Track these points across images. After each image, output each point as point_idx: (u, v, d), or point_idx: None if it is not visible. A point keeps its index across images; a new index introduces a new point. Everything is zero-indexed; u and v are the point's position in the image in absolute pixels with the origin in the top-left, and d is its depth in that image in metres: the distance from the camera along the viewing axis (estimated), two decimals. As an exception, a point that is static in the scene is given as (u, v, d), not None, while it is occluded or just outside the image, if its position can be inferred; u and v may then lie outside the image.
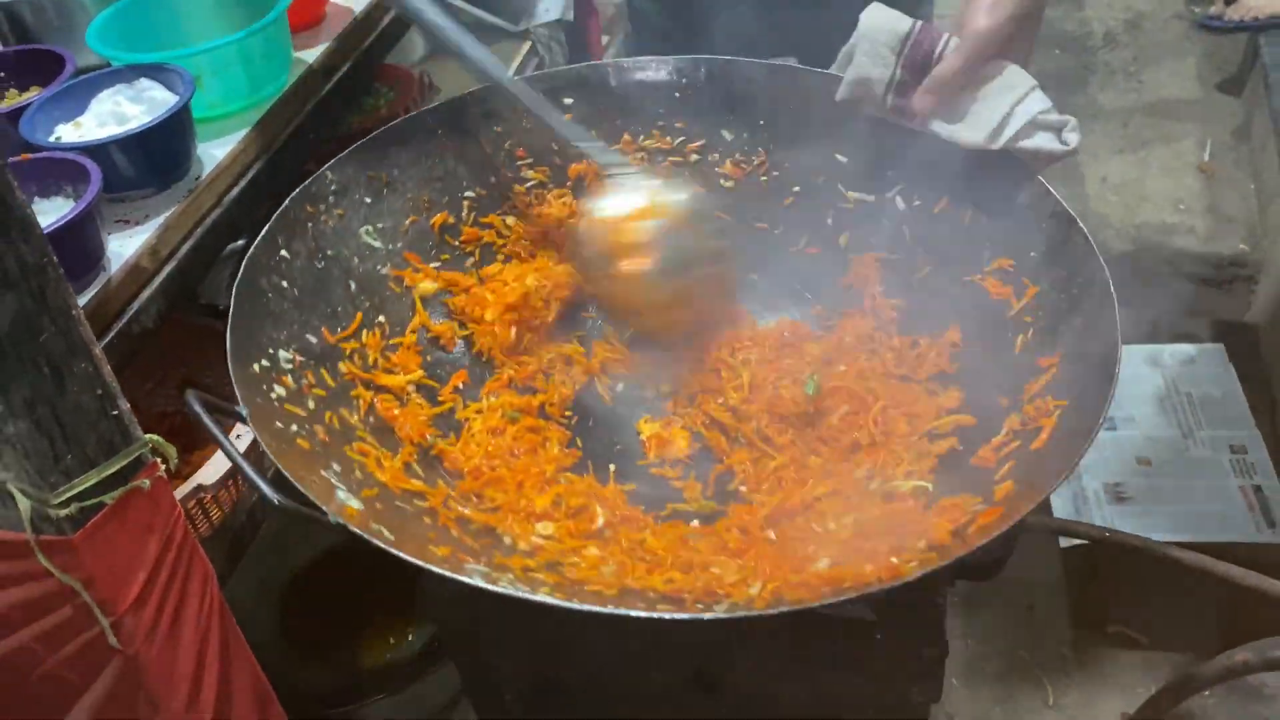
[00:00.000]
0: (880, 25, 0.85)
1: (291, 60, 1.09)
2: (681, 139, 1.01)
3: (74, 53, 1.01)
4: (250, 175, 1.02)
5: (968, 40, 0.81)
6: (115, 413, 0.69)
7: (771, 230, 1.00)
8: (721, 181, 1.00)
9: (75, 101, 0.96)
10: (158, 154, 0.93)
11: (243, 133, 1.02)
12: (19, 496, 0.67)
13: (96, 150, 0.88)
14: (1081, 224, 0.80)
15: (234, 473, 0.92)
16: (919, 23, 0.84)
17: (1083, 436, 0.67)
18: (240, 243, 1.30)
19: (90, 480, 0.68)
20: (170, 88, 0.96)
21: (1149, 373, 1.79)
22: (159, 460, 0.73)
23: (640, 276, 0.83)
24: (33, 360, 0.63)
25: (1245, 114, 2.40)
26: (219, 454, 0.91)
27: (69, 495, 0.67)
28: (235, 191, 1.00)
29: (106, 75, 0.97)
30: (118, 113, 0.94)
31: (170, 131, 0.92)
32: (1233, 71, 2.52)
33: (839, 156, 0.96)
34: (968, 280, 0.87)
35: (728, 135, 1.00)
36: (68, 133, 0.93)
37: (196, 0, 1.09)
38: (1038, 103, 0.81)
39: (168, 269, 0.92)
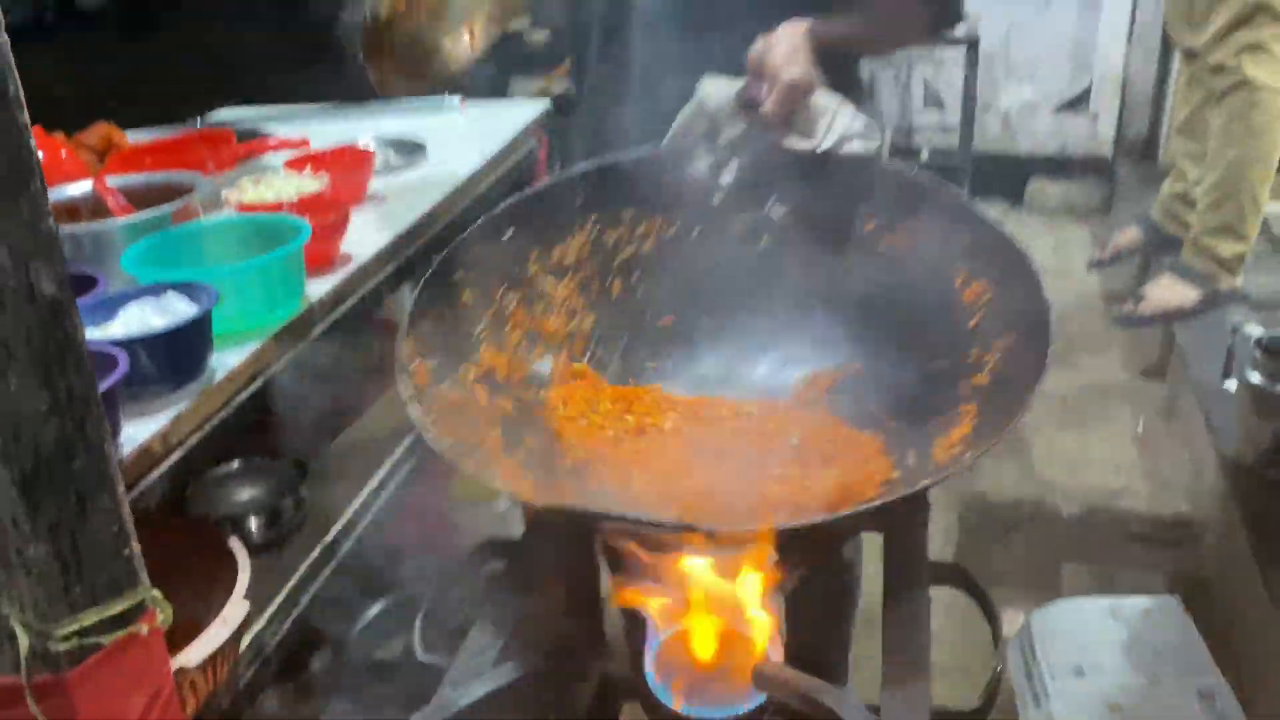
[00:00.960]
0: (719, 89, 1.08)
1: (304, 290, 1.21)
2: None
3: (106, 277, 1.12)
4: (256, 384, 1.10)
5: (779, 89, 1.04)
6: (127, 552, 0.73)
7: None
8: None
9: (105, 312, 1.05)
10: (179, 354, 1.01)
11: (254, 346, 1.11)
12: (20, 632, 0.69)
13: (121, 344, 0.96)
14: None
15: (218, 655, 0.92)
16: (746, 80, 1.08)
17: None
18: (235, 464, 1.37)
19: (96, 616, 0.70)
20: (194, 300, 1.06)
21: (1112, 624, 1.83)
22: (156, 610, 0.75)
23: None
24: (65, 485, 0.68)
25: (1170, 393, 2.59)
26: (205, 634, 0.92)
27: (74, 629, 0.69)
28: (242, 396, 1.08)
29: (135, 290, 1.07)
30: (143, 320, 1.03)
31: (190, 335, 1.01)
32: (1154, 359, 2.75)
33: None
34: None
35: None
36: (95, 335, 1.01)
37: (222, 235, 1.22)
38: (847, 119, 1.04)
39: (175, 455, 0.97)
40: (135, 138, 1.61)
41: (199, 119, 1.93)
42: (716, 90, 1.09)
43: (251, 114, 2.01)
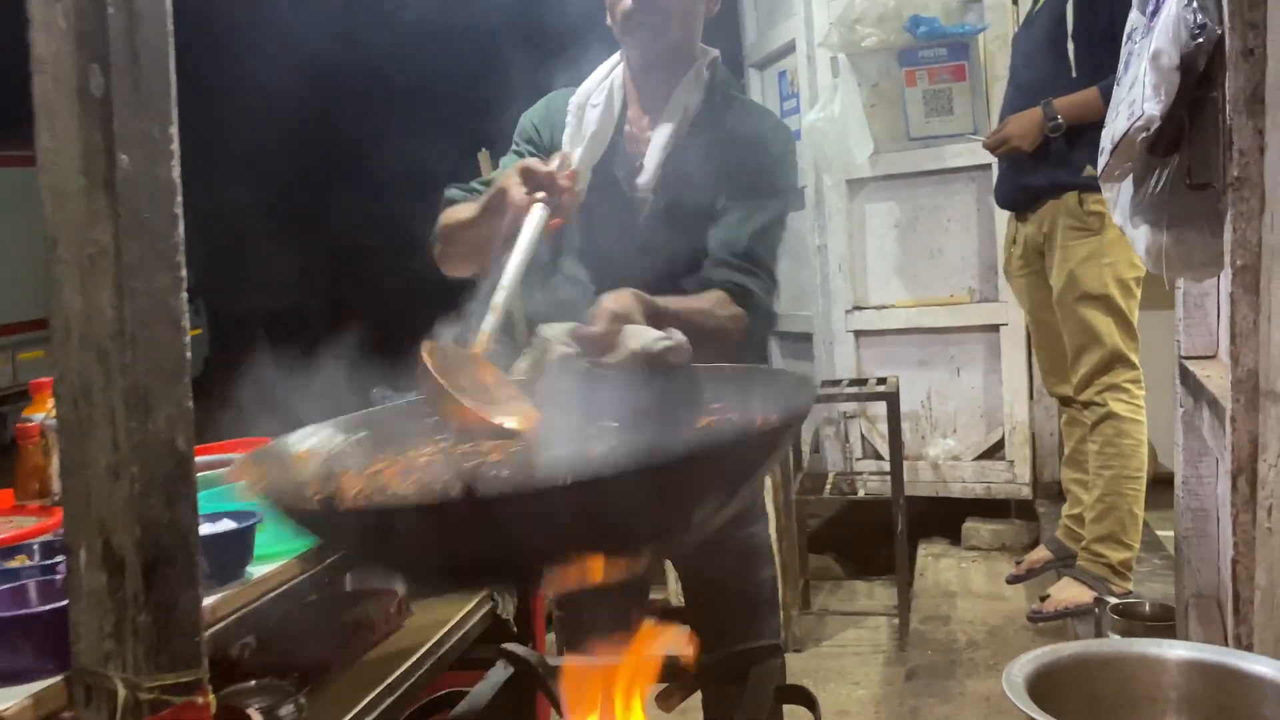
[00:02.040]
0: (557, 329, 1.37)
1: (320, 527, 1.59)
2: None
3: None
4: (280, 590, 1.46)
5: (604, 314, 1.34)
6: (197, 639, 1.06)
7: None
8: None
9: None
10: (229, 554, 1.39)
11: (282, 563, 1.48)
12: (120, 686, 1.02)
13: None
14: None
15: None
16: (576, 324, 1.36)
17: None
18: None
19: (173, 679, 1.02)
20: (239, 523, 1.45)
21: None
22: (209, 688, 1.07)
23: None
24: (169, 577, 1.04)
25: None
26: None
27: (158, 685, 1.01)
28: (270, 596, 1.44)
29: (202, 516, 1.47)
30: (210, 528, 1.42)
31: (238, 541, 1.39)
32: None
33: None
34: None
35: None
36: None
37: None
38: (649, 335, 1.31)
39: (213, 628, 1.32)
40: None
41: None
42: (551, 330, 1.39)
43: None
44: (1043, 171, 3.02)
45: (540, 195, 1.41)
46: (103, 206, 1.00)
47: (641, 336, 1.32)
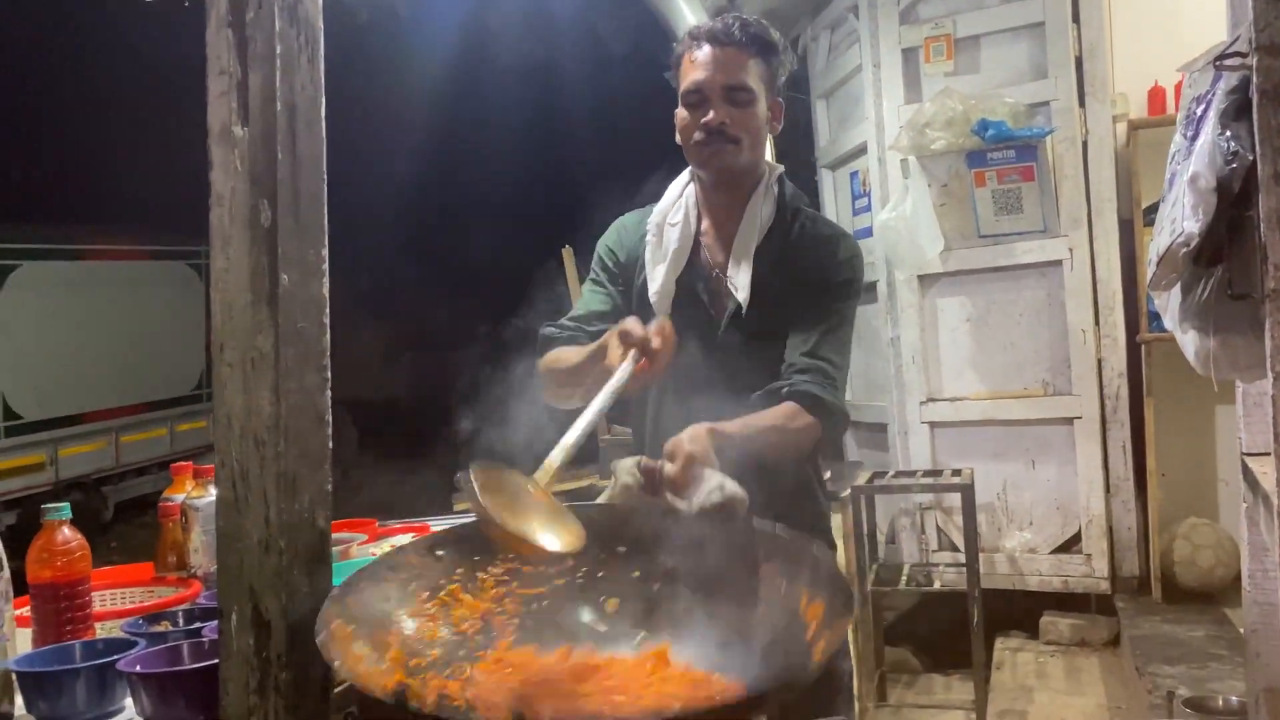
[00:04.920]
0: (628, 462, 1.49)
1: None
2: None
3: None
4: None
5: (678, 461, 1.43)
6: (329, 697, 1.21)
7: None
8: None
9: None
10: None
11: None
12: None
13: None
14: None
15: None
16: (642, 458, 1.47)
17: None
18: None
19: (307, 729, 1.17)
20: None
21: None
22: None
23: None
24: (306, 642, 1.19)
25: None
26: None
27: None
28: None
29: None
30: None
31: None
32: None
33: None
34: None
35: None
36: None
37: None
38: (710, 483, 1.39)
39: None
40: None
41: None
42: (622, 462, 1.52)
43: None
44: None
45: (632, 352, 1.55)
46: (265, 318, 1.20)
47: (704, 486, 1.42)
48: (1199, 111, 1.60)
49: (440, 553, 1.43)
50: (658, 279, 1.83)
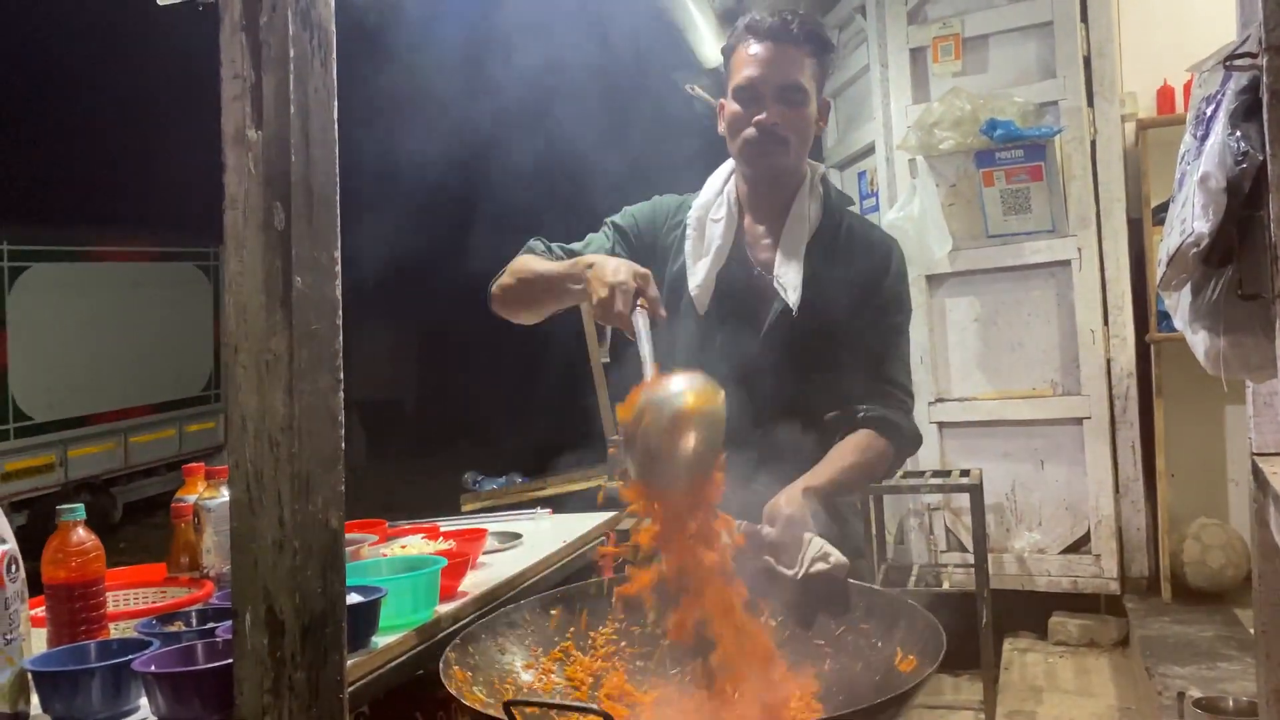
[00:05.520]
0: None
1: (436, 603, 1.75)
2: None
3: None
4: (401, 659, 1.61)
5: (779, 523, 1.47)
6: (342, 696, 1.22)
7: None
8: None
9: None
10: (359, 625, 1.54)
11: (401, 635, 1.64)
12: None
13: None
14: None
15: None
16: (743, 521, 1.49)
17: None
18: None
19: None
20: (365, 597, 1.61)
21: None
22: (350, 742, 1.22)
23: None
24: (321, 640, 1.19)
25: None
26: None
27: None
28: (392, 664, 1.59)
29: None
30: (337, 605, 1.58)
31: (367, 613, 1.55)
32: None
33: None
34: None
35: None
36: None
37: (383, 565, 1.78)
38: (813, 549, 1.44)
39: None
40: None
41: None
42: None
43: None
44: None
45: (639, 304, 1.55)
46: (279, 320, 1.20)
47: (808, 552, 1.48)
48: (1209, 111, 1.60)
49: (554, 611, 1.57)
50: (699, 274, 1.80)
